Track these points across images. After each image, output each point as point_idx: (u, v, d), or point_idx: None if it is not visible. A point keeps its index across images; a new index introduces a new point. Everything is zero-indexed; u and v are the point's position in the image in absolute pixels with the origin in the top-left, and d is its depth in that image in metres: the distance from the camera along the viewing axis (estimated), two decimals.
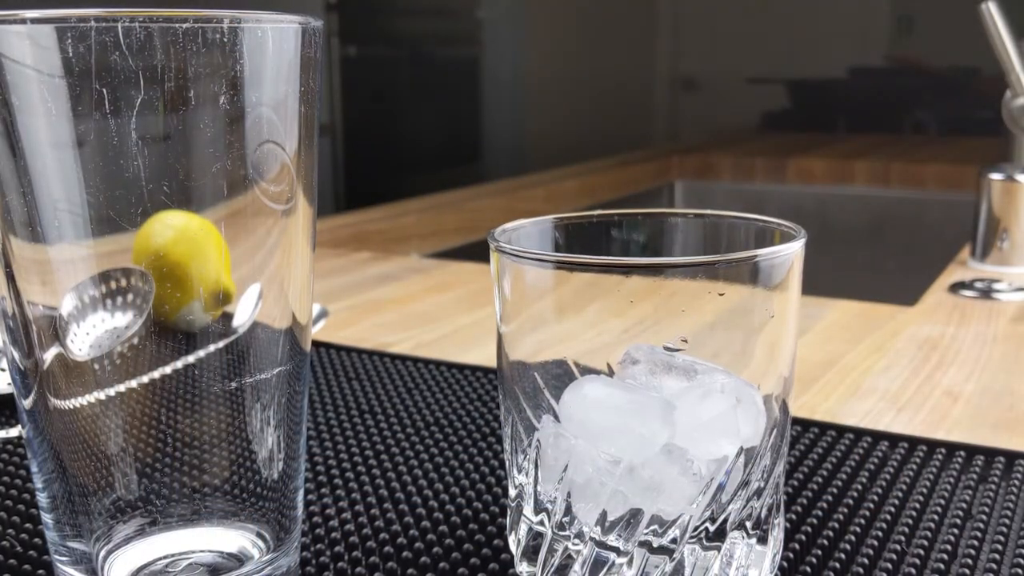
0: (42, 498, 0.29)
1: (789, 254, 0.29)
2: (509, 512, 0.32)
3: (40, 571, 0.33)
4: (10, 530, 0.36)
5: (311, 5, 2.43)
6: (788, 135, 2.02)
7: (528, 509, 0.31)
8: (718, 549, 0.29)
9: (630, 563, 0.29)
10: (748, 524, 0.29)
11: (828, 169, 1.47)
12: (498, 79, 3.13)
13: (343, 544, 0.35)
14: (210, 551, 0.30)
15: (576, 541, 0.29)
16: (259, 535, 0.31)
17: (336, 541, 0.35)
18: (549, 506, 0.30)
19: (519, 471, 0.31)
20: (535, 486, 0.30)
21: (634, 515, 0.28)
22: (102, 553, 0.29)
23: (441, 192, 1.32)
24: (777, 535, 0.31)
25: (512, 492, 0.32)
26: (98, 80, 0.24)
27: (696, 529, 0.29)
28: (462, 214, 1.19)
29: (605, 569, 0.29)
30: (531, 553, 0.31)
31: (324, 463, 0.42)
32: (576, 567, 0.29)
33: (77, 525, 0.29)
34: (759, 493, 0.29)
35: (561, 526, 0.30)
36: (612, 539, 0.29)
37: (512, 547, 0.32)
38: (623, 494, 0.28)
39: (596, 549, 0.29)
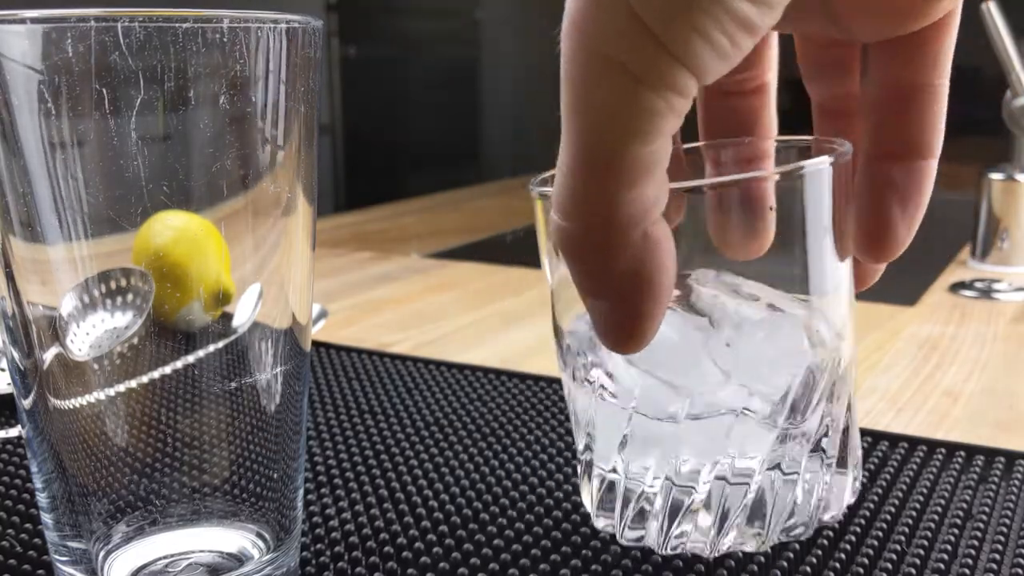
0: (42, 498, 0.29)
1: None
2: (579, 465, 0.32)
3: (40, 571, 0.33)
4: (10, 530, 0.36)
5: (311, 5, 2.43)
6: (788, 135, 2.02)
7: (599, 459, 0.30)
8: (797, 474, 0.29)
9: (707, 503, 0.28)
10: (824, 446, 0.29)
11: None
12: (498, 79, 3.13)
13: (343, 544, 0.35)
14: (210, 551, 0.30)
15: (651, 485, 0.29)
16: (259, 535, 0.31)
17: (336, 541, 0.35)
18: (620, 458, 0.29)
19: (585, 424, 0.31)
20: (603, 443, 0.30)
21: (706, 454, 0.28)
22: (102, 553, 0.29)
23: (441, 192, 1.32)
24: (856, 458, 0.31)
25: (580, 445, 0.31)
26: (98, 80, 0.24)
27: (771, 456, 0.28)
28: (462, 214, 1.19)
29: (684, 510, 0.28)
30: (607, 504, 0.30)
31: (324, 463, 0.42)
32: (655, 510, 0.29)
33: (77, 525, 0.29)
34: (831, 413, 0.29)
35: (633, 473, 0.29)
36: (687, 479, 0.28)
37: (586, 501, 0.32)
38: (691, 441, 0.28)
39: (673, 489, 0.29)
